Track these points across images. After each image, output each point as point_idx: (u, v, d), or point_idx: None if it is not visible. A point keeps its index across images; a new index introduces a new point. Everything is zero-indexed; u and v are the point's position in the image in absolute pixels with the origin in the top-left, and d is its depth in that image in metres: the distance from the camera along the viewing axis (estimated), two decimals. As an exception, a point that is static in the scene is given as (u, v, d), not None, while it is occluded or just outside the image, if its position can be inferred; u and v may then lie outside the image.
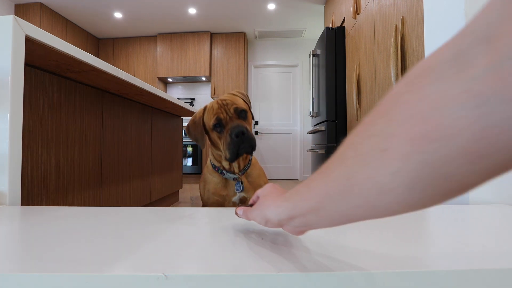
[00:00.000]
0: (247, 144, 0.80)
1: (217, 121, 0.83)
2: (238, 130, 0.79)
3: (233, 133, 0.79)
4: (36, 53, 0.91)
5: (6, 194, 0.73)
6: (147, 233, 0.48)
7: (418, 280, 0.33)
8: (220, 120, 0.84)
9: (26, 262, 0.36)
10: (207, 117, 0.88)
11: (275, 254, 0.39)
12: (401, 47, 1.36)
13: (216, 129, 0.84)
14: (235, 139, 0.79)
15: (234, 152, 0.80)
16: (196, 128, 0.91)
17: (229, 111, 0.84)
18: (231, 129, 0.80)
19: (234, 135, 0.79)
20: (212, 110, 0.86)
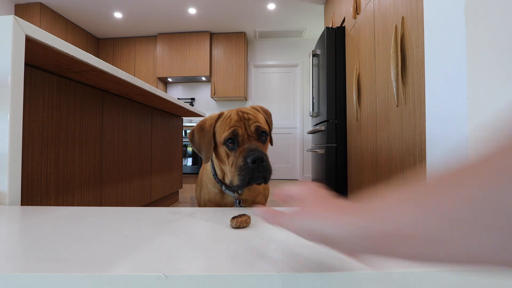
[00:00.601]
0: (262, 174, 0.67)
1: (233, 135, 0.70)
2: (257, 155, 0.65)
3: (249, 157, 0.65)
4: (36, 53, 0.91)
5: (6, 194, 0.73)
6: (147, 233, 0.48)
7: (418, 280, 0.33)
8: (236, 135, 0.70)
9: (26, 262, 0.36)
10: (221, 126, 0.74)
11: (275, 254, 0.39)
12: (401, 47, 1.36)
13: (227, 144, 0.71)
14: (250, 165, 0.65)
15: (245, 180, 0.66)
16: (203, 136, 0.76)
17: (249, 128, 0.71)
18: (248, 151, 0.67)
19: (250, 160, 0.65)
20: (228, 121, 0.73)
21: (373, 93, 1.76)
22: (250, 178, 0.66)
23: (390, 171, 1.48)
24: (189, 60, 4.45)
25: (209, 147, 0.74)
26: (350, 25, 2.31)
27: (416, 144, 1.21)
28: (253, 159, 0.65)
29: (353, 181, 2.20)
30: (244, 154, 0.67)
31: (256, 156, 0.65)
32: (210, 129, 0.75)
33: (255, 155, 0.65)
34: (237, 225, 0.51)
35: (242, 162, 0.67)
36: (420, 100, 1.18)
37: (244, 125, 0.72)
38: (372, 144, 1.76)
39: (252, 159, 0.65)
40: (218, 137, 0.74)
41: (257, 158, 0.65)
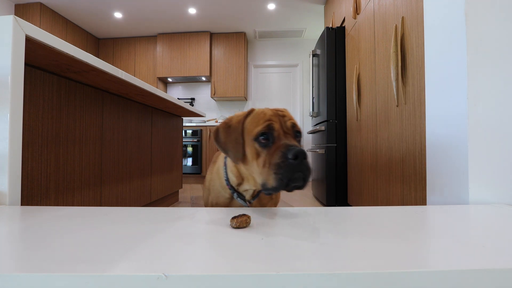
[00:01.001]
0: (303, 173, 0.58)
1: (268, 129, 0.63)
2: (299, 149, 0.57)
3: (290, 151, 0.57)
4: (36, 53, 0.91)
5: (6, 194, 0.73)
6: (147, 233, 0.48)
7: (418, 280, 0.33)
8: (271, 129, 0.63)
9: (26, 262, 0.36)
10: (251, 121, 0.67)
11: (275, 254, 0.39)
12: (401, 47, 1.36)
13: (260, 140, 0.63)
14: (291, 161, 0.57)
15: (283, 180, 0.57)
16: (230, 133, 0.69)
17: (285, 125, 0.65)
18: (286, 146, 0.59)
19: (291, 154, 0.57)
20: (262, 115, 0.67)
21: (373, 93, 1.76)
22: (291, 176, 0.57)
23: (390, 171, 1.48)
24: (189, 60, 4.45)
25: (237, 145, 0.67)
26: (350, 25, 2.31)
27: (416, 144, 1.21)
28: (294, 154, 0.57)
29: (353, 181, 2.20)
30: (282, 149, 0.59)
31: (298, 151, 0.57)
32: (238, 126, 0.68)
33: (298, 149, 0.57)
34: (237, 225, 0.51)
35: (280, 159, 0.58)
36: (420, 100, 1.18)
37: (280, 120, 0.65)
38: (372, 144, 1.76)
39: (294, 154, 0.57)
40: (247, 133, 0.66)
41: (300, 153, 0.57)
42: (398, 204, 1.39)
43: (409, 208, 0.71)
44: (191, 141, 4.13)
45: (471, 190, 0.78)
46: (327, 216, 0.61)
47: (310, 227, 0.53)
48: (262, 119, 0.65)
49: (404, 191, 1.32)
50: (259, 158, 0.63)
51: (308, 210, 0.68)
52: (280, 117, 0.66)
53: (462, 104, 0.81)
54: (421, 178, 1.15)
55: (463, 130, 0.81)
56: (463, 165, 0.81)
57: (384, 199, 1.57)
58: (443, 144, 0.91)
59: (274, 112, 0.68)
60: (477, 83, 0.80)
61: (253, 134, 0.64)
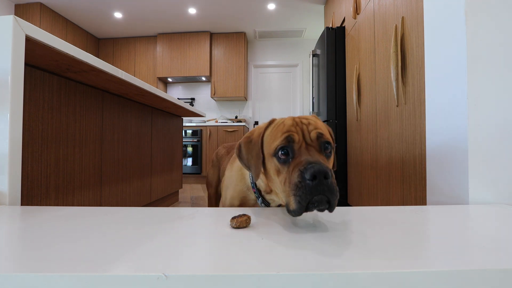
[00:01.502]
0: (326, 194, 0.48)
1: (286, 142, 0.55)
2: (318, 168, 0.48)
3: (307, 170, 0.48)
4: (36, 53, 0.91)
5: (6, 194, 0.73)
6: (147, 233, 0.48)
7: (418, 280, 0.33)
8: (291, 141, 0.55)
9: (26, 262, 0.36)
10: (271, 134, 0.60)
11: (275, 254, 0.39)
12: (401, 47, 1.36)
13: (278, 155, 0.55)
14: (309, 181, 0.48)
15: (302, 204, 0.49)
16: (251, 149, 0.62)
17: (308, 136, 0.56)
18: (306, 163, 0.50)
19: (308, 174, 0.48)
20: (281, 126, 0.59)
21: (373, 93, 1.76)
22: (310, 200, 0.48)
23: (390, 171, 1.48)
24: (189, 60, 4.45)
25: (258, 161, 0.60)
26: (350, 25, 2.31)
27: (416, 144, 1.21)
28: (312, 174, 0.47)
29: (353, 181, 2.20)
30: (300, 168, 0.50)
31: (317, 170, 0.47)
32: (258, 140, 0.61)
33: (316, 168, 0.48)
34: (237, 225, 0.51)
35: (297, 178, 0.49)
36: (420, 100, 1.18)
37: (302, 130, 0.57)
38: (372, 144, 1.76)
39: (311, 174, 0.48)
40: (267, 148, 0.60)
41: (319, 173, 0.47)
42: (398, 204, 1.39)
43: (409, 208, 0.71)
44: (191, 141, 4.13)
45: (471, 190, 0.78)
46: (327, 216, 0.61)
47: (310, 227, 0.53)
48: (281, 131, 0.58)
49: (404, 191, 1.32)
50: (280, 176, 0.56)
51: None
52: (302, 126, 0.58)
53: (462, 104, 0.81)
54: (421, 178, 1.15)
55: (463, 130, 0.81)
56: (463, 165, 0.81)
57: (384, 199, 1.57)
58: (443, 144, 0.91)
59: (295, 121, 0.59)
60: (477, 83, 0.80)
61: (272, 149, 0.57)
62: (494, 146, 0.79)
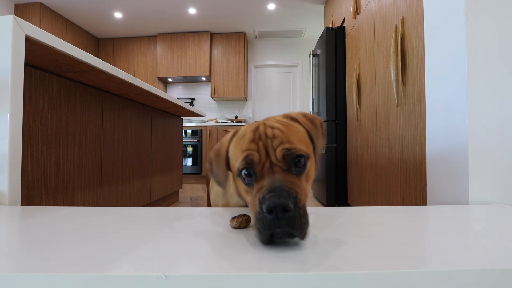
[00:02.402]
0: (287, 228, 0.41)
1: (246, 164, 0.47)
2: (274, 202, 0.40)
3: (264, 203, 0.41)
4: (36, 53, 0.91)
5: (6, 194, 0.73)
6: (147, 233, 0.48)
7: (418, 280, 0.33)
8: (250, 163, 0.47)
9: (26, 262, 0.36)
10: (234, 150, 0.52)
11: (275, 254, 0.39)
12: (401, 47, 1.36)
13: (243, 177, 0.48)
14: (267, 215, 0.41)
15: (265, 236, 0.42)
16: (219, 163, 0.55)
17: (273, 154, 0.47)
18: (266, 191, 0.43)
19: (265, 207, 0.41)
20: (242, 142, 0.50)
21: (373, 93, 1.76)
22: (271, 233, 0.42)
23: (390, 171, 1.48)
24: (189, 60, 4.46)
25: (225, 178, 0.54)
26: (350, 25, 2.30)
27: (416, 144, 1.21)
28: (268, 208, 0.41)
29: (353, 181, 2.20)
30: (259, 196, 0.43)
31: (272, 204, 0.40)
32: (224, 155, 0.54)
33: (272, 202, 0.41)
34: (237, 225, 0.51)
35: (257, 208, 0.43)
36: (420, 100, 1.18)
37: (265, 146, 0.47)
38: (372, 144, 1.76)
39: (267, 208, 0.41)
40: (232, 165, 0.52)
41: (274, 207, 0.40)
42: (398, 204, 1.39)
43: (409, 208, 0.71)
44: (191, 141, 4.13)
45: (471, 190, 0.78)
46: (327, 216, 0.60)
47: (310, 227, 0.53)
48: (241, 149, 0.49)
49: (404, 191, 1.32)
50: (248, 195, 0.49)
51: (308, 210, 0.68)
52: (267, 141, 0.48)
53: (462, 104, 0.81)
54: (421, 178, 1.15)
55: (463, 130, 0.81)
56: (463, 165, 0.81)
57: (384, 199, 1.57)
58: (443, 144, 0.91)
59: (259, 132, 0.49)
60: (477, 83, 0.80)
61: (235, 170, 0.50)
62: (494, 146, 0.79)
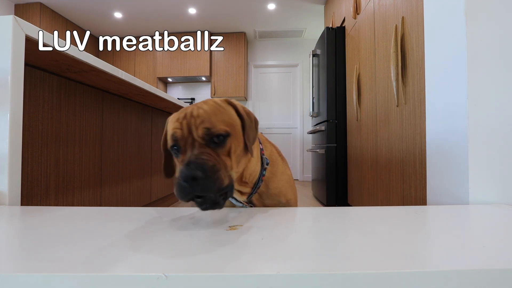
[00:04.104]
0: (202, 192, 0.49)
1: (172, 140, 0.55)
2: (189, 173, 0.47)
3: (181, 174, 0.48)
4: (36, 53, 0.91)
5: (6, 194, 0.73)
6: (147, 233, 0.48)
7: (418, 280, 0.33)
8: (175, 139, 0.54)
9: (26, 262, 0.36)
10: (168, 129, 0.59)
11: (275, 254, 0.39)
12: (401, 47, 1.36)
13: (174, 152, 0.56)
14: (183, 183, 0.48)
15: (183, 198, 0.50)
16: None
17: (195, 132, 0.53)
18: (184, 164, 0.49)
19: (182, 177, 0.48)
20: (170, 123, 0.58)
21: (373, 93, 1.76)
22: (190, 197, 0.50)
23: (390, 171, 1.48)
24: (189, 60, 4.45)
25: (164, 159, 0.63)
26: (350, 25, 2.30)
27: (416, 144, 1.21)
28: (183, 177, 0.48)
29: (353, 181, 2.20)
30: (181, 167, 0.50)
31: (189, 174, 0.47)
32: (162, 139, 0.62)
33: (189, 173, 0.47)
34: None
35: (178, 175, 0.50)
36: (420, 100, 1.18)
37: (189, 125, 0.54)
38: (372, 144, 1.76)
39: (183, 177, 0.48)
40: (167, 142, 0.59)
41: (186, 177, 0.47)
42: (399, 204, 1.39)
43: (409, 208, 0.71)
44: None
45: (471, 190, 0.78)
46: (327, 216, 0.60)
47: (310, 227, 0.53)
48: (170, 128, 0.56)
49: (404, 191, 1.32)
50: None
51: (308, 210, 0.68)
52: (190, 120, 0.54)
53: (462, 104, 0.81)
54: (421, 178, 1.15)
55: (463, 130, 0.81)
56: (463, 165, 0.81)
57: (384, 199, 1.57)
58: (443, 144, 0.91)
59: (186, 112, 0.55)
60: (477, 83, 0.80)
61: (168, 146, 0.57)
62: (494, 146, 0.79)
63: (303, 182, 4.46)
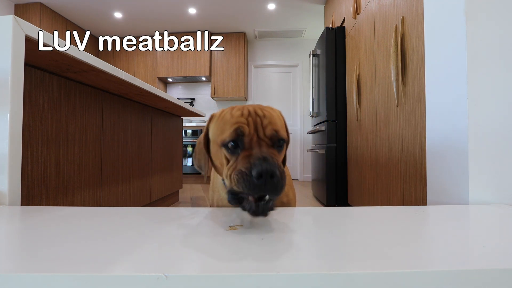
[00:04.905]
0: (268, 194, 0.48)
1: (236, 135, 0.51)
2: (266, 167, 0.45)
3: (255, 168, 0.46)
4: (36, 53, 0.91)
5: (6, 194, 0.73)
6: (147, 233, 0.48)
7: (418, 280, 0.33)
8: (241, 135, 0.51)
9: (26, 262, 0.36)
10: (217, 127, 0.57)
11: (275, 254, 0.39)
12: (401, 47, 1.36)
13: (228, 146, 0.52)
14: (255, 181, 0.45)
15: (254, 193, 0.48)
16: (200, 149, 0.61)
17: (262, 131, 0.52)
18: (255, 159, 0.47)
19: (255, 172, 0.45)
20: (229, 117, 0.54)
21: (373, 93, 1.76)
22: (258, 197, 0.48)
23: (390, 171, 1.48)
24: (189, 60, 4.45)
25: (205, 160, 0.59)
26: (350, 25, 2.30)
27: (416, 144, 1.21)
28: (258, 173, 0.45)
29: (353, 181, 2.20)
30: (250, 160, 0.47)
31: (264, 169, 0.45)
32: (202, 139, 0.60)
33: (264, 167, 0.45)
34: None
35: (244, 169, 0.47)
36: (420, 100, 1.18)
37: (255, 123, 0.52)
38: (372, 144, 1.76)
39: (258, 172, 0.45)
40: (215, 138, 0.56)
41: (266, 172, 0.45)
42: (398, 204, 1.39)
43: (409, 208, 0.71)
44: (191, 141, 4.13)
45: (471, 190, 0.78)
46: (327, 216, 0.60)
47: (310, 227, 0.53)
48: (229, 123, 0.53)
49: (404, 191, 1.32)
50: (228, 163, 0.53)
51: (308, 210, 0.68)
52: (256, 119, 0.53)
53: (462, 104, 0.81)
54: (421, 178, 1.15)
55: (463, 130, 0.81)
56: (463, 165, 0.81)
57: (384, 199, 1.57)
58: (443, 144, 0.91)
59: (248, 110, 0.55)
60: (477, 83, 0.80)
61: (220, 141, 0.54)
62: (494, 146, 0.79)
63: (303, 182, 4.46)
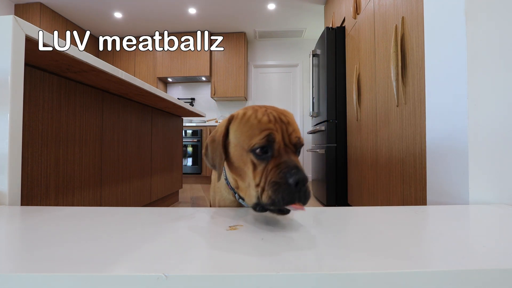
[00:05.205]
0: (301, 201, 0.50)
1: (267, 142, 0.52)
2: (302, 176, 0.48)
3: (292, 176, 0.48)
4: (36, 53, 0.91)
5: (6, 194, 0.73)
6: (147, 233, 0.48)
7: (418, 280, 0.33)
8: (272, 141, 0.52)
9: (26, 262, 0.36)
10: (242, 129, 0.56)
11: (275, 254, 0.39)
12: (401, 47, 1.36)
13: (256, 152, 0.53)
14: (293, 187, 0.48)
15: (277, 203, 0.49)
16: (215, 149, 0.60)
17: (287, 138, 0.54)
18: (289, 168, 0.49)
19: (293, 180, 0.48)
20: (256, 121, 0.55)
21: (373, 93, 1.76)
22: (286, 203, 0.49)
23: (390, 171, 1.48)
24: (189, 60, 4.45)
25: (220, 160, 0.59)
26: (350, 25, 2.30)
27: (416, 144, 1.21)
28: (296, 180, 0.48)
29: (353, 181, 2.20)
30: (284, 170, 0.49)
31: (301, 178, 0.48)
32: (221, 139, 0.59)
33: (301, 176, 0.48)
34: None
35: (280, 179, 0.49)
36: (420, 100, 1.18)
37: (282, 130, 0.54)
38: (372, 144, 1.76)
39: (296, 180, 0.48)
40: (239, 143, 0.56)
41: (302, 180, 0.48)
42: (398, 204, 1.39)
43: (409, 208, 0.71)
44: (191, 141, 4.13)
45: (471, 190, 0.78)
46: (327, 216, 0.60)
47: (311, 227, 0.53)
48: (258, 128, 0.54)
49: (404, 191, 1.32)
50: (256, 170, 0.53)
51: (308, 210, 0.68)
52: (282, 126, 0.54)
53: (462, 104, 0.81)
54: (421, 178, 1.15)
55: (463, 130, 0.81)
56: (463, 165, 0.81)
57: (384, 199, 1.57)
58: (443, 144, 0.91)
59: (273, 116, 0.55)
60: (477, 83, 0.80)
61: (249, 146, 0.53)
62: (494, 146, 0.79)
63: (303, 182, 4.45)
